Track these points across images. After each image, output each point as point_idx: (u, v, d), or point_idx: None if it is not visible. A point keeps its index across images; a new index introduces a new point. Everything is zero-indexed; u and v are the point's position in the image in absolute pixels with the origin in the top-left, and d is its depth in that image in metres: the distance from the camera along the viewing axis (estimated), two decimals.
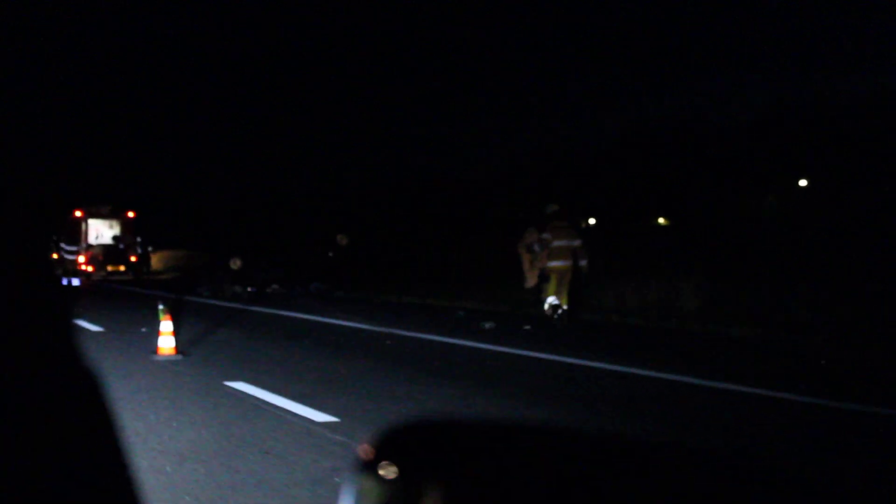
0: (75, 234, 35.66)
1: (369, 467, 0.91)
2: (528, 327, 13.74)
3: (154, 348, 9.99)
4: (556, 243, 14.12)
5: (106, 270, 35.14)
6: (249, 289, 22.19)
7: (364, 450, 0.93)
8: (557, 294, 14.14)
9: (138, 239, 34.31)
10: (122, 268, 35.41)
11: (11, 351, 10.10)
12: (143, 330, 12.97)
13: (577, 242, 14.17)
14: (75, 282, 26.14)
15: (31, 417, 6.31)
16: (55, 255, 37.55)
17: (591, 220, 36.18)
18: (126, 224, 36.21)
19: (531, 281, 16.32)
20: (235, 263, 23.00)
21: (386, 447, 0.93)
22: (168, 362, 9.59)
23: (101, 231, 36.15)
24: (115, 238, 35.95)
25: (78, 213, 36.29)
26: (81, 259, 35.24)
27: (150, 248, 33.13)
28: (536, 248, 15.57)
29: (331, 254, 24.58)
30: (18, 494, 4.38)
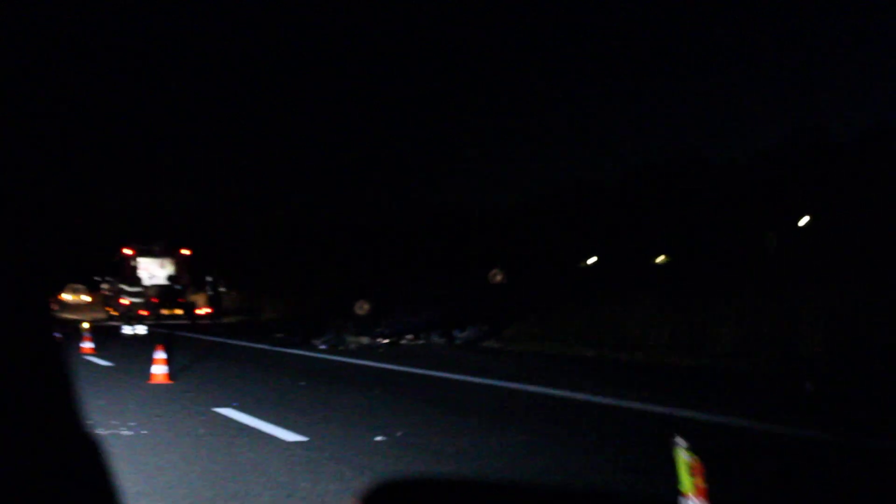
0: (127, 274, 32.63)
1: None
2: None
3: None
4: None
5: (160, 314, 31.68)
6: (381, 339, 16.69)
7: None
8: None
9: (209, 279, 30.55)
10: (178, 311, 31.98)
11: None
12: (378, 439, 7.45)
13: None
14: (141, 330, 20.67)
15: None
16: (110, 300, 34.33)
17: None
18: (181, 263, 33.24)
19: None
20: (362, 308, 17.63)
21: None
22: None
23: (153, 270, 33.13)
24: (170, 278, 32.94)
25: (127, 252, 33.16)
26: (126, 301, 31.61)
27: (222, 290, 28.63)
28: None
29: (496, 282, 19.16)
30: None
